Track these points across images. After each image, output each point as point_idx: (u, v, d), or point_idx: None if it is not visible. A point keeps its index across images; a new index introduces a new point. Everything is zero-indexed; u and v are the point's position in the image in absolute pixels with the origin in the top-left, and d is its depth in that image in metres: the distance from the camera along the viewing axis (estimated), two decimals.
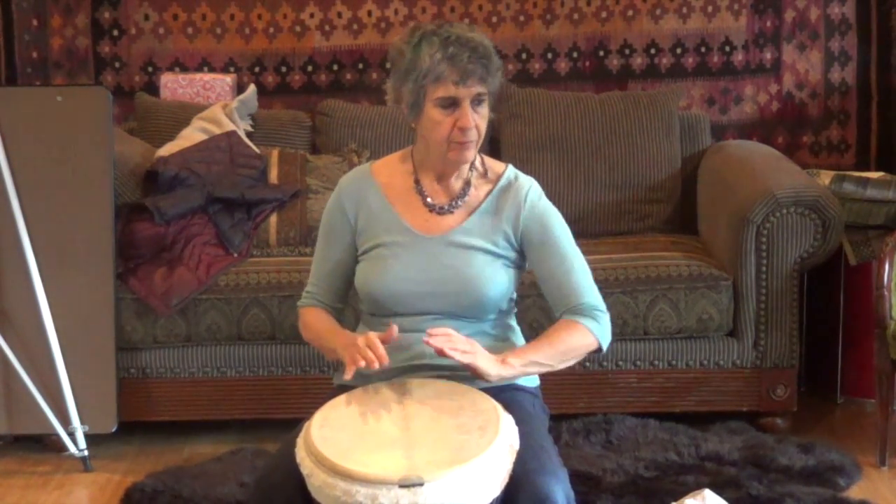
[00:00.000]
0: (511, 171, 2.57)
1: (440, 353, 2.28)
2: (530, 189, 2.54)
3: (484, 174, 2.56)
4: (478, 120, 2.42)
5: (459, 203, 2.52)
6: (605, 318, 2.50)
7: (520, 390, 2.50)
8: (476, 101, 2.41)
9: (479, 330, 2.49)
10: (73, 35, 4.71)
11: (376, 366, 2.30)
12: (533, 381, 2.57)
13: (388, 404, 2.29)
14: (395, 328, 2.37)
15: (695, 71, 4.67)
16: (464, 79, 2.37)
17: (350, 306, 2.69)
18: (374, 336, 2.34)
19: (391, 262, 2.50)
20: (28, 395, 3.65)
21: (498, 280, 2.48)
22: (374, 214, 2.55)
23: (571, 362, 2.47)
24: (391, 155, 2.64)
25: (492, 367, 2.33)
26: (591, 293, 2.51)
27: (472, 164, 2.54)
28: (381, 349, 2.32)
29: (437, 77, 2.38)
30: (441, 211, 2.53)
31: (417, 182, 2.56)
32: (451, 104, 2.40)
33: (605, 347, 2.50)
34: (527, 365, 2.40)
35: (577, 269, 2.51)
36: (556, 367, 2.44)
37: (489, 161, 2.60)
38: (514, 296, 2.60)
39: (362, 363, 2.30)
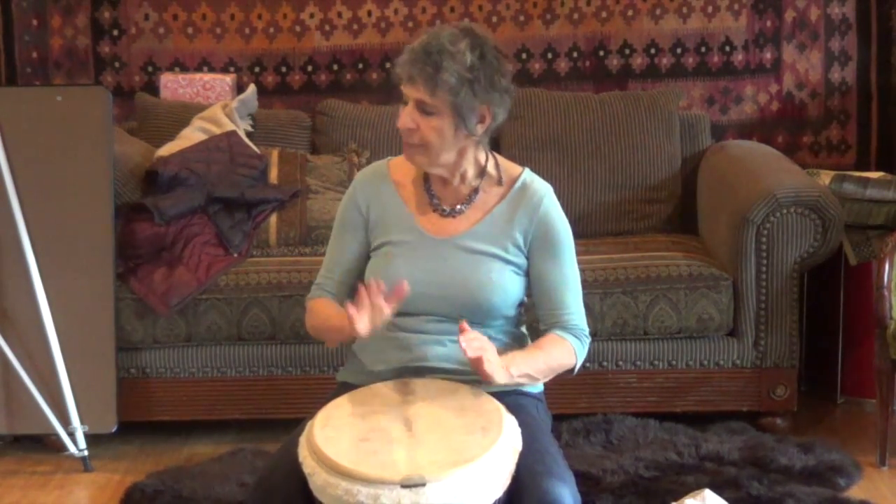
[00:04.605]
0: (527, 174, 2.56)
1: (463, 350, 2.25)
2: (546, 195, 2.52)
3: (498, 179, 2.54)
4: (423, 126, 2.41)
5: (463, 208, 2.51)
6: (588, 343, 2.52)
7: (523, 395, 2.49)
8: (422, 108, 2.40)
9: (484, 335, 2.47)
10: (73, 35, 4.71)
11: (382, 288, 2.27)
12: (537, 387, 2.57)
13: (390, 404, 2.30)
14: (405, 283, 2.33)
15: (695, 71, 4.67)
16: (408, 81, 2.39)
17: None
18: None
19: (398, 261, 2.49)
20: (28, 395, 3.65)
21: (504, 286, 2.47)
22: (386, 211, 2.55)
23: (550, 377, 2.49)
24: None
25: (499, 374, 2.30)
26: (580, 315, 2.52)
27: (484, 170, 2.53)
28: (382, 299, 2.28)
29: (397, 69, 2.41)
30: (444, 213, 2.53)
31: (427, 181, 2.56)
32: (406, 101, 2.43)
33: (576, 370, 2.52)
34: (523, 377, 2.40)
35: (572, 288, 2.51)
36: (542, 381, 2.50)
37: (505, 164, 2.58)
38: (525, 300, 2.57)
39: (367, 297, 2.26)
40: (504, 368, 2.31)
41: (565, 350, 2.47)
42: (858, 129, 4.68)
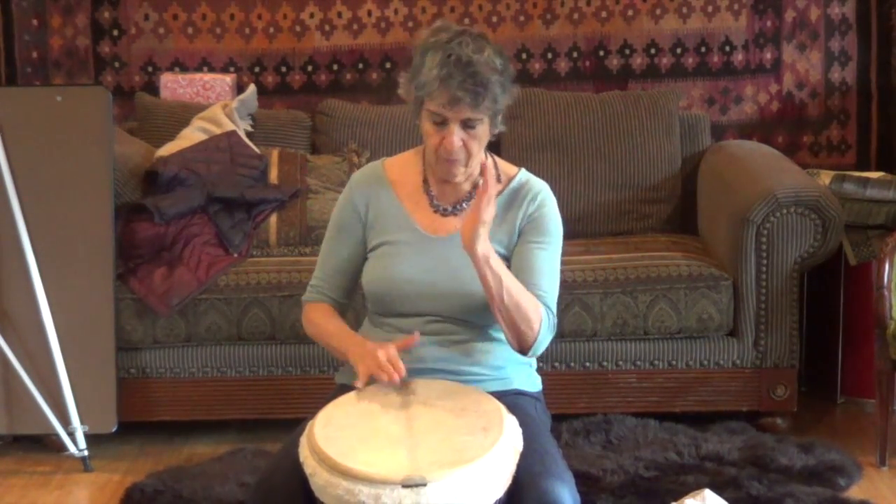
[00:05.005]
0: (523, 174, 2.57)
1: (484, 178, 2.27)
2: (542, 190, 2.53)
3: (496, 177, 2.54)
4: (468, 140, 2.40)
5: (465, 206, 2.52)
6: (553, 328, 2.44)
7: (522, 394, 2.49)
8: (466, 124, 2.39)
9: (483, 335, 2.48)
10: (73, 35, 4.71)
11: (396, 379, 2.30)
12: (535, 386, 2.57)
13: (391, 404, 2.29)
14: (417, 335, 2.35)
15: (695, 71, 4.67)
16: (452, 103, 2.35)
17: (351, 307, 2.69)
18: (394, 350, 2.33)
19: (397, 261, 2.49)
20: (28, 395, 3.65)
21: None
22: (383, 211, 2.54)
23: (505, 324, 2.36)
24: (405, 152, 2.64)
25: (482, 239, 2.28)
26: (552, 300, 2.46)
27: (484, 167, 2.54)
28: (401, 363, 2.31)
29: (430, 93, 2.37)
30: (445, 212, 2.53)
31: (426, 182, 2.56)
32: (442, 121, 2.39)
33: (535, 351, 2.42)
34: (494, 273, 2.31)
35: (547, 274, 2.47)
36: (499, 304, 2.33)
37: (501, 164, 2.58)
38: None
39: (384, 378, 2.30)
40: (488, 249, 2.29)
41: (535, 304, 2.38)
42: (858, 129, 4.68)
